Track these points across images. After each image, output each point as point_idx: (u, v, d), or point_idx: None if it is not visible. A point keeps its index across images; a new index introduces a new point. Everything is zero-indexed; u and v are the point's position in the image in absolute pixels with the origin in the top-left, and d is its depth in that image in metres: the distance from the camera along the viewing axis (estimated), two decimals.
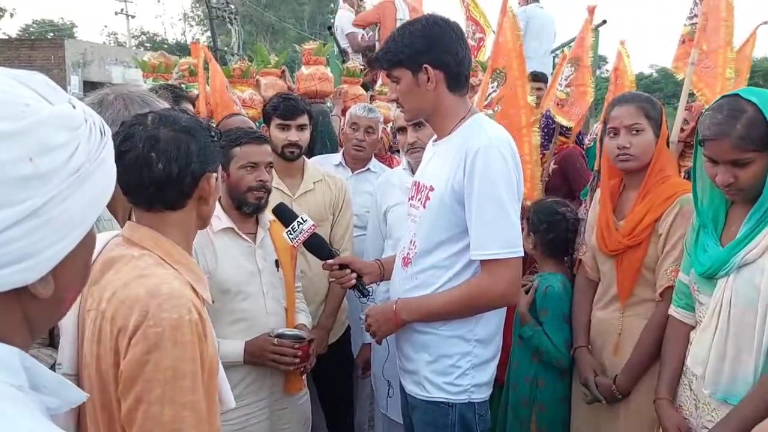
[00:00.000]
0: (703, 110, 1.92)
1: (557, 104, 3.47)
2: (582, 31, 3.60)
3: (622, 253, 2.22)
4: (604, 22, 5.79)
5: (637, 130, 2.20)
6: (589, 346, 2.37)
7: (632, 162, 2.23)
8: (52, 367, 1.43)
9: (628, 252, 2.20)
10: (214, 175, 1.39)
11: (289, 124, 2.82)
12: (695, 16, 2.91)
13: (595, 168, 3.10)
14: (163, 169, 1.30)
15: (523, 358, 2.53)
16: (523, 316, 2.50)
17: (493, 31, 4.37)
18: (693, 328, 1.93)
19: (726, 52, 2.81)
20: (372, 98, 4.96)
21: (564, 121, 3.47)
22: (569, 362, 2.44)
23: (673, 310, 2.02)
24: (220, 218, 2.26)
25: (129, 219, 1.44)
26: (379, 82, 5.23)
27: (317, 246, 2.24)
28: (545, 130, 3.71)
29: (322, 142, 4.02)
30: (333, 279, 2.25)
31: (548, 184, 3.58)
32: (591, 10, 3.57)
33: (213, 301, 2.17)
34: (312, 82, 4.43)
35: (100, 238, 1.37)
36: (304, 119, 2.85)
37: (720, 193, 1.85)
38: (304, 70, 4.52)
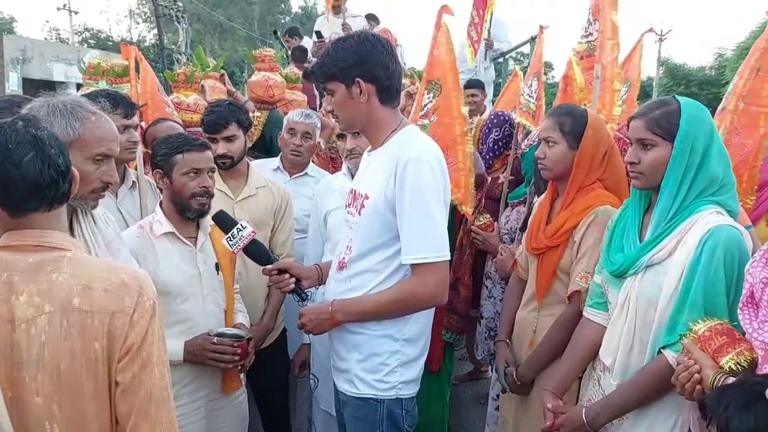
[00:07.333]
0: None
1: (531, 115, 3.49)
2: (536, 48, 3.81)
3: (543, 253, 2.38)
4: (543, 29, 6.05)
5: (550, 143, 2.38)
6: (509, 341, 2.56)
7: (546, 171, 2.43)
8: None
9: (548, 252, 2.36)
10: None
11: (215, 137, 2.82)
12: (590, 34, 3.20)
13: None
14: (63, 162, 1.36)
15: None
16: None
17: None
18: (603, 326, 2.05)
19: (613, 67, 3.17)
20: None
21: (533, 128, 3.38)
22: None
23: (585, 311, 2.15)
24: (161, 223, 2.31)
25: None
26: None
27: (257, 252, 2.29)
28: (503, 141, 3.60)
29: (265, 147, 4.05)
30: (272, 284, 2.32)
31: (509, 194, 3.52)
32: (542, 30, 3.79)
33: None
34: (261, 89, 4.50)
35: None
36: (230, 131, 2.83)
37: (643, 195, 2.00)
38: (254, 77, 4.57)
